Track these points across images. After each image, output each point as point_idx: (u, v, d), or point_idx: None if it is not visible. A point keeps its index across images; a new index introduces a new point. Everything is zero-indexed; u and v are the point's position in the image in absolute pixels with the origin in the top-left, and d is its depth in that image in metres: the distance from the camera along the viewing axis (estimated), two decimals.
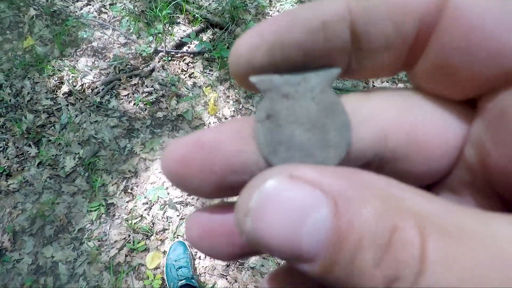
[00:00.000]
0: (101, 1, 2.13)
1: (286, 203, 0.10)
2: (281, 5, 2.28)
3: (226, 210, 0.15)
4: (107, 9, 2.10)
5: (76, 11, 2.06)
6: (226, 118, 1.76)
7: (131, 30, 2.01)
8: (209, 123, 1.74)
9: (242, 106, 1.82)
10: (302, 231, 0.10)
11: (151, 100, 1.77)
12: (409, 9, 0.12)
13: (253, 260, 1.42)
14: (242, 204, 0.11)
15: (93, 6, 2.11)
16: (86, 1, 2.13)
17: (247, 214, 0.11)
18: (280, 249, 0.10)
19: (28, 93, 1.73)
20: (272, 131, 0.13)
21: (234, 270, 1.40)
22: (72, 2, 2.10)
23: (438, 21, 0.12)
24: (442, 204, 0.10)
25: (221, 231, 0.14)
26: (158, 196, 1.49)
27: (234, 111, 1.79)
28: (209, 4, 2.24)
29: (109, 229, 1.44)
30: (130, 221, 1.44)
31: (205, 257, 1.42)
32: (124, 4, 2.13)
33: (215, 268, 1.40)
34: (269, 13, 2.23)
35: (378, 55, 0.13)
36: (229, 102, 1.82)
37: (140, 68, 1.89)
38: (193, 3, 2.19)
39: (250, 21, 2.12)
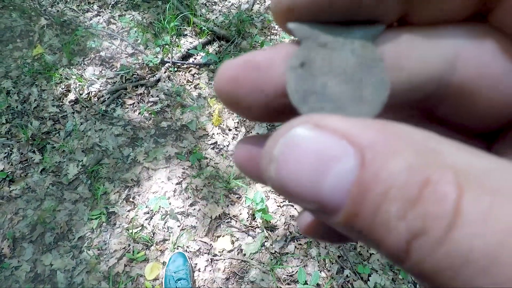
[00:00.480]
0: (110, 12, 2.18)
1: (310, 152, 0.10)
2: None
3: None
4: (116, 20, 2.14)
5: (86, 22, 2.10)
6: (230, 130, 1.77)
7: (138, 41, 2.04)
8: (213, 134, 1.74)
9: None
10: (326, 181, 0.10)
11: (156, 110, 1.78)
12: None
13: (253, 274, 1.40)
14: (267, 151, 0.11)
15: (102, 17, 2.15)
16: (96, 12, 2.17)
17: (271, 161, 0.11)
18: (302, 198, 0.10)
19: (35, 100, 1.75)
20: (305, 79, 0.13)
21: (233, 283, 1.38)
22: (82, 13, 2.15)
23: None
24: (489, 161, 0.09)
25: None
26: (159, 206, 1.48)
27: (238, 122, 1.80)
28: (216, 17, 2.27)
29: (109, 238, 1.43)
30: (130, 231, 1.43)
31: (205, 270, 1.40)
32: (133, 15, 2.18)
33: (214, 281, 1.38)
34: (274, 27, 2.26)
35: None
36: (233, 114, 1.82)
37: (146, 78, 1.91)
38: (201, 16, 2.23)
39: (256, 34, 2.15)
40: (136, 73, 1.92)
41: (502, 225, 0.08)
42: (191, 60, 2.01)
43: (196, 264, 1.40)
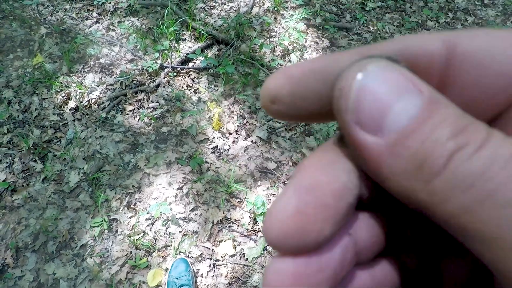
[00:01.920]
0: (109, 19, 2.19)
1: (390, 79, 0.12)
2: (285, 22, 2.30)
3: None
4: (115, 27, 2.15)
5: (85, 29, 2.11)
6: (230, 134, 1.76)
7: (138, 47, 2.04)
8: (213, 138, 1.74)
9: (247, 121, 1.81)
10: (397, 103, 0.12)
11: (156, 115, 1.78)
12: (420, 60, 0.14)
13: (255, 278, 1.38)
14: (351, 70, 0.13)
15: (101, 24, 2.16)
16: (95, 19, 2.19)
17: (353, 79, 0.12)
18: (373, 110, 0.12)
19: (36, 109, 1.76)
20: None
21: None
22: (82, 20, 2.16)
23: (448, 65, 0.14)
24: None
25: None
26: (161, 212, 1.48)
27: (238, 126, 1.79)
28: (215, 21, 2.27)
29: (111, 245, 1.43)
30: (132, 237, 1.42)
31: (207, 275, 1.39)
32: (132, 21, 2.18)
33: (217, 286, 1.37)
34: (273, 29, 2.26)
35: None
36: (233, 117, 1.82)
37: (146, 83, 1.91)
38: (199, 20, 2.23)
39: (255, 37, 2.15)
40: (135, 79, 1.92)
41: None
42: (190, 64, 2.01)
43: (199, 269, 1.40)
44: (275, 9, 2.37)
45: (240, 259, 1.43)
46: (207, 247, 1.45)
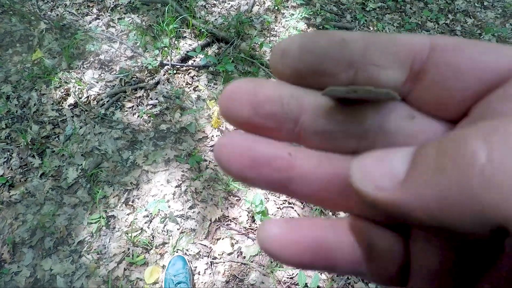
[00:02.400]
0: (109, 16, 2.18)
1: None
2: (286, 21, 2.30)
3: None
4: (115, 23, 2.14)
5: (85, 25, 2.10)
6: (229, 131, 1.76)
7: (138, 44, 2.04)
8: (212, 136, 1.73)
9: None
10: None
11: (155, 113, 1.78)
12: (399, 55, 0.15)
13: (253, 276, 1.39)
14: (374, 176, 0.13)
15: (101, 20, 2.15)
16: (95, 16, 2.18)
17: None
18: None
19: (35, 104, 1.75)
20: None
21: (234, 286, 1.37)
22: (82, 16, 2.15)
23: (428, 59, 0.15)
24: None
25: None
26: (158, 209, 1.48)
27: None
28: (215, 19, 2.27)
29: (109, 242, 1.43)
30: (130, 234, 1.42)
31: (204, 273, 1.39)
32: (132, 18, 2.18)
33: (214, 283, 1.37)
34: (274, 28, 2.26)
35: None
36: None
37: (146, 81, 1.91)
38: (200, 18, 2.23)
39: (255, 36, 2.15)
40: (135, 76, 1.92)
41: None
42: (190, 62, 2.01)
43: (196, 267, 1.40)
44: (276, 8, 2.37)
45: (237, 257, 1.43)
46: (205, 245, 1.45)
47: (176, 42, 2.06)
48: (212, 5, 2.38)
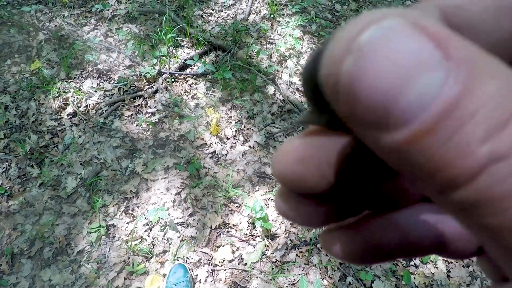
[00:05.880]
0: (107, 26, 2.20)
1: (404, 51, 0.09)
2: (282, 28, 2.33)
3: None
4: (113, 33, 2.16)
5: (83, 35, 2.12)
6: (228, 139, 1.77)
7: (136, 53, 2.06)
8: (211, 143, 1.74)
9: (244, 127, 1.82)
10: (410, 88, 0.08)
11: (154, 121, 1.78)
12: None
13: (254, 283, 1.38)
14: (347, 36, 0.09)
15: (100, 30, 2.17)
16: (93, 26, 2.20)
17: (351, 51, 0.09)
18: (373, 104, 0.09)
19: (33, 114, 1.75)
20: None
21: None
22: (80, 27, 2.17)
23: None
24: None
25: None
26: (158, 217, 1.47)
27: (236, 131, 1.80)
28: (213, 28, 2.30)
29: (109, 251, 1.42)
30: (130, 243, 1.41)
31: (206, 280, 1.38)
32: (130, 28, 2.20)
33: None
34: (270, 36, 2.29)
35: None
36: (231, 123, 1.83)
37: (144, 89, 1.92)
38: (197, 27, 2.26)
39: (252, 44, 2.17)
40: (133, 85, 1.93)
41: None
42: (188, 70, 2.03)
43: (197, 275, 1.39)
44: (272, 16, 2.40)
45: (238, 264, 1.43)
46: (205, 253, 1.44)
47: (174, 51, 2.08)
48: (209, 14, 2.40)
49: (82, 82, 1.90)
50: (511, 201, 0.08)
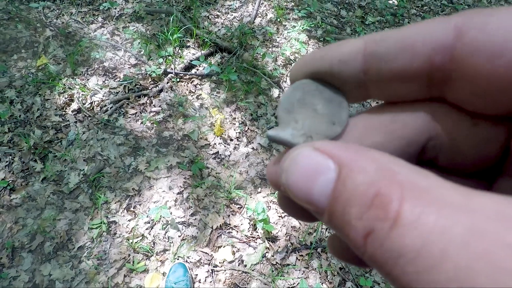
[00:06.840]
0: (114, 24, 2.21)
1: (307, 165, 0.13)
2: (288, 32, 2.35)
3: None
4: (120, 32, 2.18)
5: (90, 33, 2.13)
6: (231, 140, 1.77)
7: (142, 52, 2.07)
8: (215, 144, 1.75)
9: (248, 128, 1.83)
10: (314, 188, 0.13)
11: (158, 120, 1.79)
12: (417, 51, 0.14)
13: (254, 285, 1.38)
14: (281, 164, 0.15)
15: (106, 28, 2.18)
16: (100, 24, 2.21)
17: (283, 172, 0.14)
18: (301, 200, 0.14)
19: (38, 109, 1.76)
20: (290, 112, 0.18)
21: None
22: (87, 24, 2.18)
23: (453, 56, 0.13)
24: (433, 180, 0.11)
25: None
26: (160, 216, 1.47)
27: (239, 132, 1.80)
28: (219, 29, 2.31)
29: (109, 247, 1.42)
30: (131, 240, 1.41)
31: (205, 281, 1.38)
32: (137, 27, 2.21)
33: None
34: (276, 39, 2.30)
35: (395, 86, 0.15)
36: (235, 124, 1.83)
37: (149, 88, 1.93)
38: (203, 28, 2.27)
39: (257, 46, 2.19)
40: (139, 83, 1.94)
41: (426, 228, 0.10)
42: (193, 71, 2.04)
43: (197, 275, 1.39)
44: (278, 20, 2.42)
45: (238, 265, 1.42)
46: (206, 253, 1.44)
47: (179, 51, 2.09)
48: (216, 16, 2.42)
49: (88, 79, 1.91)
50: (393, 263, 0.10)
